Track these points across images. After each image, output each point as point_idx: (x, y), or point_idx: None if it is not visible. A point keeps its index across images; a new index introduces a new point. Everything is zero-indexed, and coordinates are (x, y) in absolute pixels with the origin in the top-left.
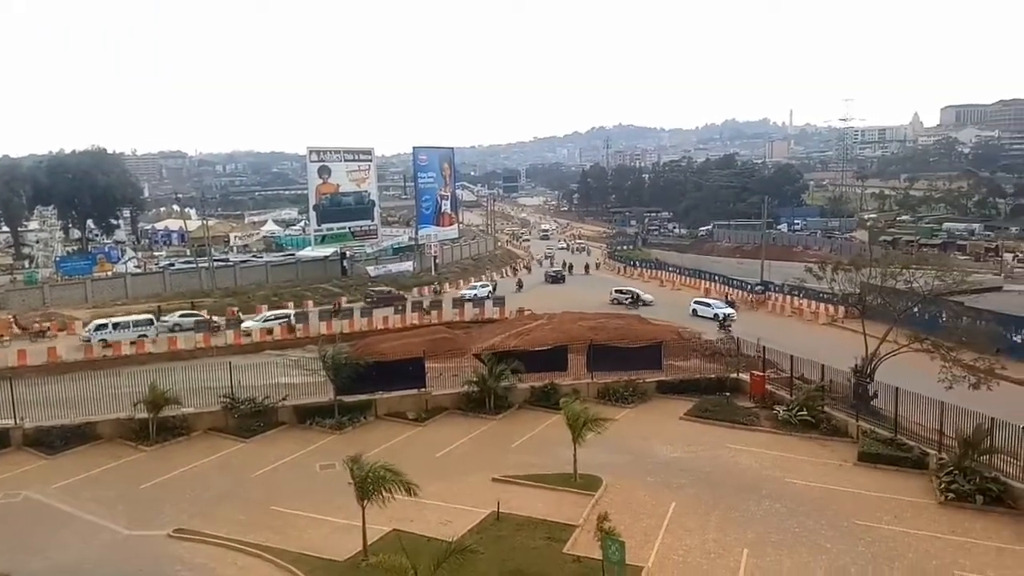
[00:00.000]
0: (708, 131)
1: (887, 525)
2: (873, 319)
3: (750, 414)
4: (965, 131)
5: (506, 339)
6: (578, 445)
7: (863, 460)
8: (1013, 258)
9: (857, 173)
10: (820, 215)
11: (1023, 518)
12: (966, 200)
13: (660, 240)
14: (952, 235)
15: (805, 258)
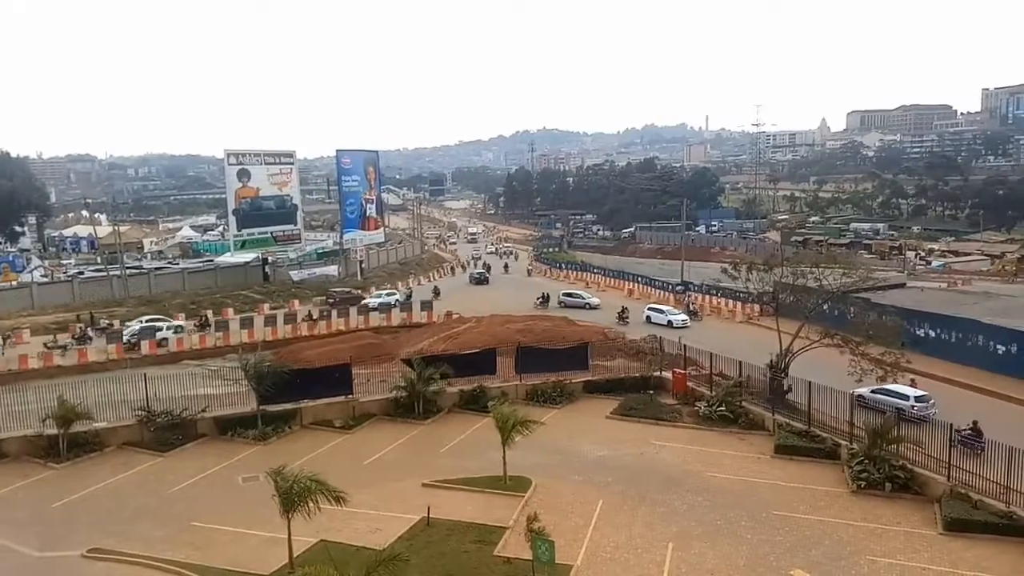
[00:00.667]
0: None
1: (803, 514)
2: (786, 316)
3: (673, 411)
4: (869, 135)
5: (435, 343)
6: (507, 447)
7: (779, 452)
8: (915, 256)
9: (769, 176)
10: (736, 217)
11: (929, 503)
12: (871, 201)
13: (585, 242)
14: (858, 235)
15: (722, 258)
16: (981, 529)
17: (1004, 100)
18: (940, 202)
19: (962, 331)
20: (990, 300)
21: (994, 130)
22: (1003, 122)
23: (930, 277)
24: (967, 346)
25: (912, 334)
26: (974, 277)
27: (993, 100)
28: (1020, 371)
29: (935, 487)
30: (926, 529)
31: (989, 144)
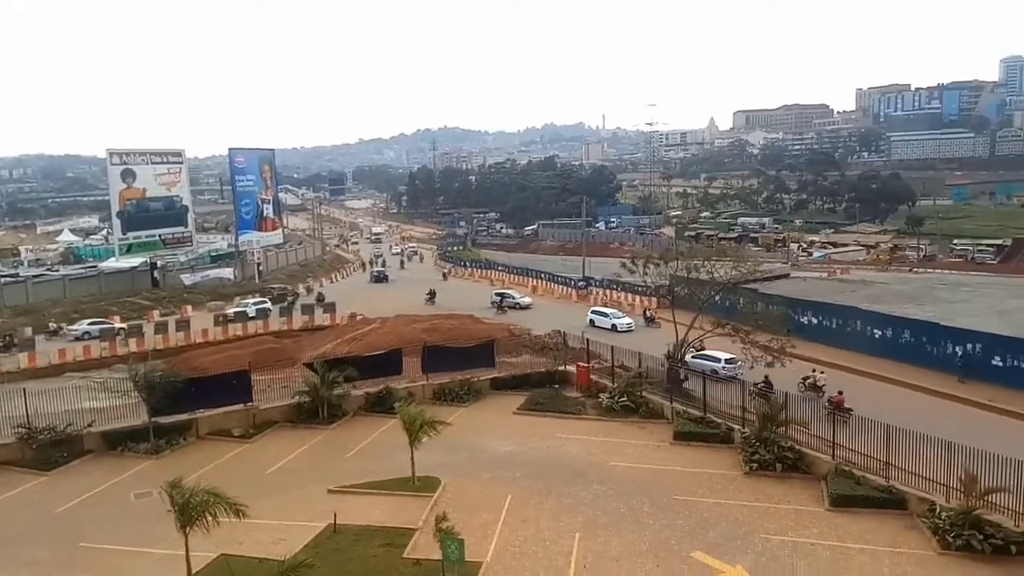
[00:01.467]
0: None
1: (702, 497)
2: (681, 308)
3: (578, 404)
4: (754, 134)
5: (338, 345)
6: (415, 448)
7: (678, 439)
8: (798, 247)
9: (663, 173)
10: (633, 213)
11: (815, 481)
12: (757, 196)
13: (489, 240)
14: (746, 229)
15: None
16: (864, 503)
17: (876, 99)
18: (820, 196)
19: (842, 317)
20: (866, 288)
21: (867, 128)
22: (875, 120)
23: (812, 267)
24: (847, 331)
25: (797, 321)
26: (852, 266)
27: (866, 99)
28: (893, 354)
29: (821, 466)
30: (814, 506)
31: (863, 141)
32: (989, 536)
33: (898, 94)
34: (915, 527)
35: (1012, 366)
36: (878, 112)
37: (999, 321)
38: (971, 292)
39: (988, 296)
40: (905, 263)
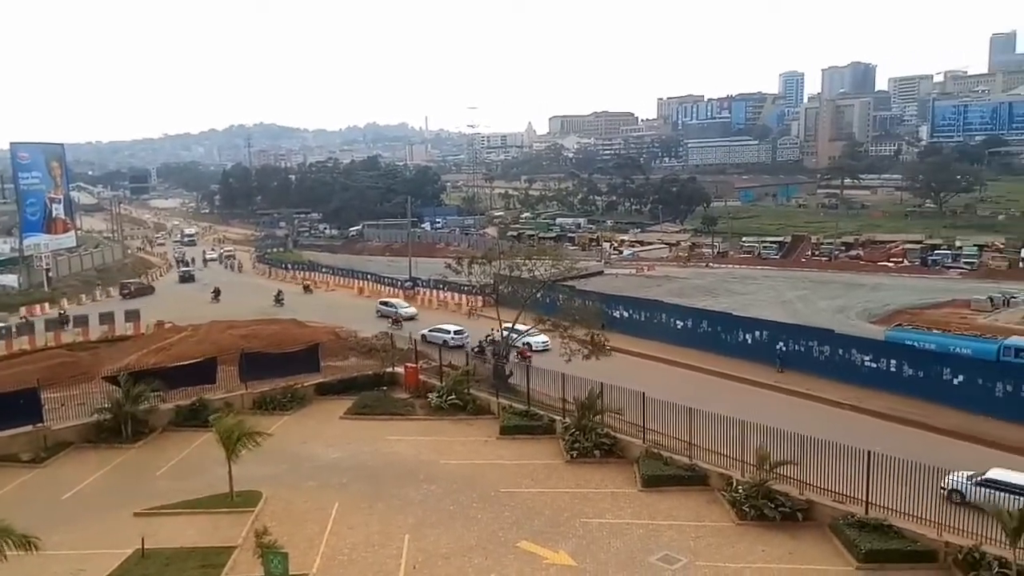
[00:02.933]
0: (351, 133)
1: (527, 488)
2: (506, 306)
3: (407, 404)
4: (569, 138)
5: (144, 356)
6: (233, 461)
7: (504, 433)
8: (610, 246)
9: (485, 175)
10: (458, 214)
11: (629, 465)
12: (572, 198)
13: (312, 241)
14: (564, 229)
15: (446, 254)
16: (671, 482)
17: (675, 109)
18: (628, 198)
19: (649, 311)
20: (670, 283)
21: (668, 135)
22: (675, 128)
23: (623, 265)
24: (654, 323)
25: (611, 316)
26: (657, 263)
27: (666, 108)
28: (694, 343)
29: (634, 450)
30: (628, 488)
31: (665, 147)
32: (779, 505)
33: (693, 104)
34: (716, 501)
35: (794, 351)
36: (676, 120)
37: (782, 310)
38: (758, 285)
39: (772, 288)
40: (702, 259)
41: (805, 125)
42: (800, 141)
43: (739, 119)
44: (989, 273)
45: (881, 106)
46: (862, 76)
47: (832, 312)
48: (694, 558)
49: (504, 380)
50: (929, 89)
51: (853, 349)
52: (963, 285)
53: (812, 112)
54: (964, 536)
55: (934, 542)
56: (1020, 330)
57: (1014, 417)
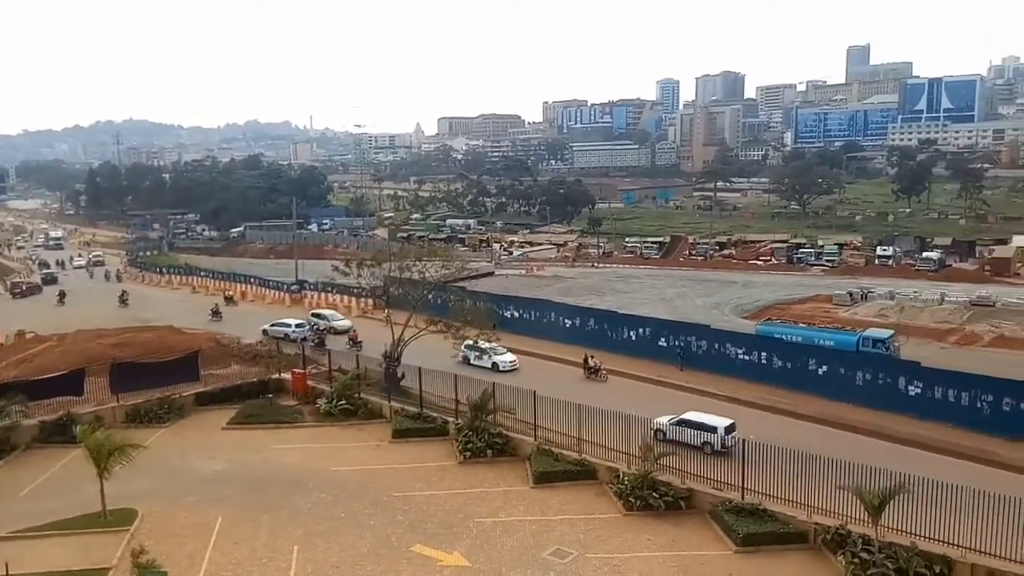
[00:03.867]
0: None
1: (420, 491)
2: (397, 308)
3: (295, 412)
4: (457, 140)
5: (3, 369)
6: (105, 478)
7: (397, 437)
8: (500, 247)
9: (374, 176)
10: (346, 215)
11: (522, 462)
12: (462, 199)
13: (189, 244)
14: (454, 230)
15: (335, 256)
16: (562, 477)
17: (560, 112)
18: (517, 200)
19: (539, 310)
20: (559, 282)
21: (554, 138)
22: (560, 131)
23: (513, 265)
24: (544, 322)
25: (502, 316)
26: (546, 264)
27: (552, 112)
28: (583, 341)
29: (526, 447)
30: (520, 485)
31: (551, 150)
32: (663, 494)
33: (578, 108)
34: (605, 494)
35: (674, 345)
36: (562, 124)
37: (663, 307)
38: (641, 283)
39: (654, 286)
40: (588, 259)
41: (681, 130)
42: (677, 146)
43: (620, 124)
44: (848, 270)
45: (750, 113)
46: (732, 84)
47: (708, 308)
48: (584, 551)
49: (396, 383)
50: (793, 97)
51: (728, 343)
52: (825, 281)
53: (687, 118)
54: (831, 517)
55: (805, 524)
56: (877, 322)
57: (872, 403)
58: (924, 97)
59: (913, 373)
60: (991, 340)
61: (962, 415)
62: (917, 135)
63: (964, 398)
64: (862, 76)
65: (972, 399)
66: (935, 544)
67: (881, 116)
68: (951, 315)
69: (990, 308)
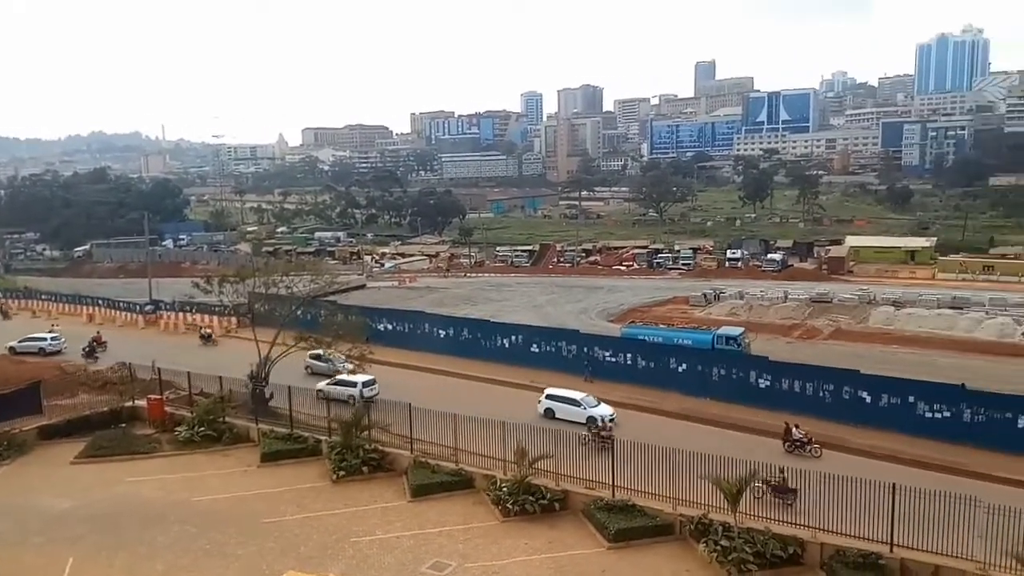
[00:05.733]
0: (73, 142)
1: (292, 515)
2: (264, 325)
3: (151, 441)
4: (323, 151)
5: None
6: None
7: (266, 461)
8: (372, 259)
9: (235, 188)
10: (205, 229)
11: (399, 477)
12: (331, 211)
13: (29, 265)
14: (323, 243)
15: (194, 273)
16: (440, 489)
17: (427, 124)
18: (387, 211)
19: (412, 322)
20: (432, 293)
21: (422, 149)
22: (428, 142)
23: (384, 277)
24: (417, 334)
25: (374, 329)
26: (418, 275)
27: (419, 123)
28: (457, 351)
29: (402, 461)
30: (398, 500)
31: (420, 161)
32: (539, 498)
33: (445, 120)
34: (482, 502)
35: (546, 351)
36: (430, 135)
37: (534, 314)
38: (512, 291)
39: (525, 294)
40: (461, 269)
41: (546, 142)
42: (543, 156)
43: (487, 135)
44: (702, 272)
45: (609, 125)
46: (592, 97)
47: (577, 313)
48: (463, 561)
49: (264, 404)
50: (647, 110)
51: (595, 347)
52: (683, 284)
53: (551, 130)
54: (695, 507)
55: (671, 516)
56: (729, 321)
57: (727, 397)
58: (765, 109)
59: (763, 367)
60: (830, 333)
61: (806, 404)
62: (760, 145)
63: (808, 388)
64: (709, 90)
65: (815, 389)
66: (788, 527)
67: (727, 128)
68: (794, 311)
69: (828, 304)
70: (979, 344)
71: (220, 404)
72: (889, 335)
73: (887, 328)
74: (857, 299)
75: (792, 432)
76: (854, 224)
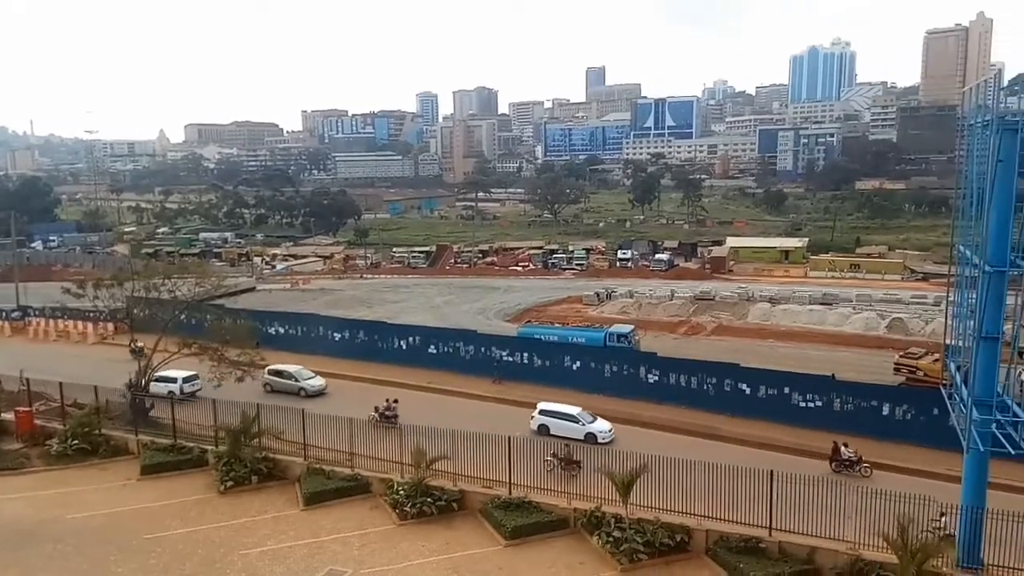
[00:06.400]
0: None
1: (176, 530)
2: (144, 331)
3: (19, 456)
4: (208, 148)
5: None
6: None
7: (147, 473)
8: (262, 261)
9: (111, 186)
10: (78, 230)
11: (291, 485)
12: (217, 211)
13: None
14: (208, 244)
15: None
16: (335, 495)
17: (320, 122)
18: (278, 211)
19: (306, 325)
20: (326, 295)
21: (315, 147)
22: (321, 141)
23: (276, 280)
24: (312, 337)
25: (266, 333)
26: (312, 277)
27: (311, 121)
28: (353, 353)
29: (295, 468)
30: (290, 509)
31: (312, 160)
32: (436, 499)
33: (338, 118)
34: (379, 506)
35: (444, 352)
36: (323, 134)
37: (431, 315)
38: (409, 292)
39: (423, 295)
40: (356, 271)
41: (442, 143)
42: (439, 157)
43: (382, 135)
44: (595, 272)
45: (504, 128)
46: (487, 100)
47: (474, 314)
48: (359, 567)
49: (145, 415)
50: (541, 114)
51: (493, 347)
52: (576, 283)
53: (447, 131)
54: (589, 501)
55: (565, 510)
56: (620, 319)
57: (619, 393)
58: (652, 115)
59: (651, 363)
60: (713, 329)
61: (692, 397)
62: (647, 149)
63: (693, 382)
64: (599, 95)
65: (699, 383)
66: (676, 516)
67: (617, 132)
68: (680, 309)
69: (711, 301)
70: (847, 337)
71: (95, 415)
72: (766, 330)
73: (764, 324)
74: (737, 297)
75: (841, 451)
76: (734, 226)
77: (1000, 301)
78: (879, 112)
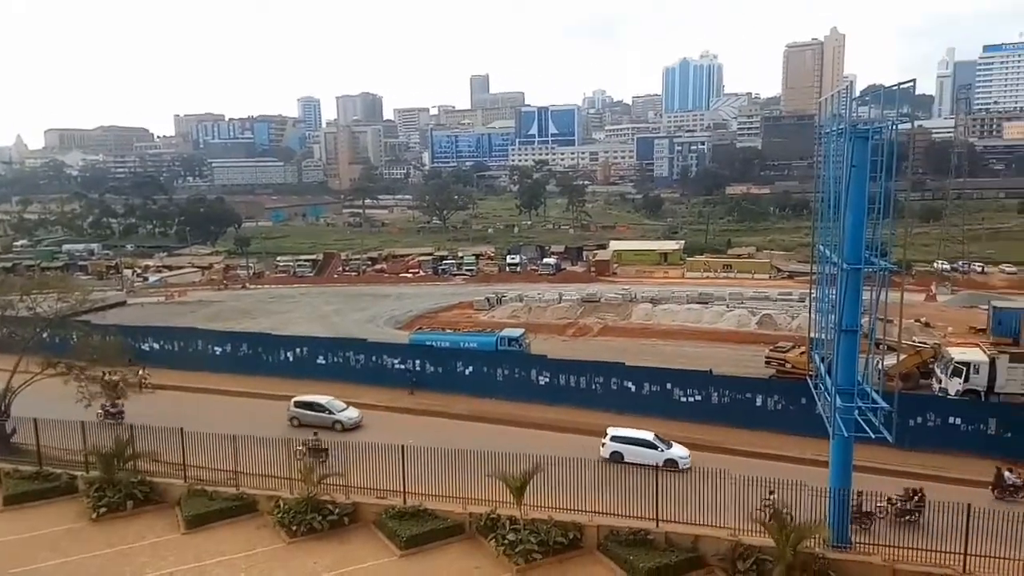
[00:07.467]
0: None
1: (45, 562)
2: (2, 351)
3: None
4: (71, 154)
5: None
6: None
7: (10, 504)
8: (133, 273)
9: None
10: None
11: (171, 508)
12: (81, 221)
13: None
14: (73, 256)
15: None
16: (218, 516)
17: (194, 127)
18: (150, 220)
19: (183, 339)
20: (206, 307)
21: (189, 153)
22: (196, 146)
23: (149, 292)
24: (189, 352)
25: (139, 349)
26: (189, 288)
27: (185, 126)
28: (236, 367)
29: (175, 491)
30: (170, 534)
31: (187, 166)
32: (327, 514)
33: (214, 123)
34: (266, 525)
35: (333, 363)
36: (197, 139)
37: (320, 324)
38: (296, 302)
39: (310, 304)
40: (238, 281)
41: (326, 148)
42: (323, 164)
43: (262, 140)
44: (485, 277)
45: (390, 134)
46: (372, 105)
47: (364, 322)
48: None
49: (6, 441)
50: (427, 120)
51: (384, 355)
52: (467, 289)
53: (331, 137)
54: (484, 504)
55: (461, 516)
56: (511, 323)
57: (511, 396)
58: (536, 123)
59: (542, 365)
60: (599, 330)
61: (581, 397)
62: (532, 156)
63: (582, 382)
64: (484, 103)
65: (588, 382)
66: (569, 514)
67: (502, 139)
68: (568, 311)
69: (597, 303)
70: (722, 334)
71: None
72: (649, 329)
73: (647, 323)
74: (621, 298)
75: (1005, 477)
76: (616, 230)
77: (857, 296)
78: (745, 121)
